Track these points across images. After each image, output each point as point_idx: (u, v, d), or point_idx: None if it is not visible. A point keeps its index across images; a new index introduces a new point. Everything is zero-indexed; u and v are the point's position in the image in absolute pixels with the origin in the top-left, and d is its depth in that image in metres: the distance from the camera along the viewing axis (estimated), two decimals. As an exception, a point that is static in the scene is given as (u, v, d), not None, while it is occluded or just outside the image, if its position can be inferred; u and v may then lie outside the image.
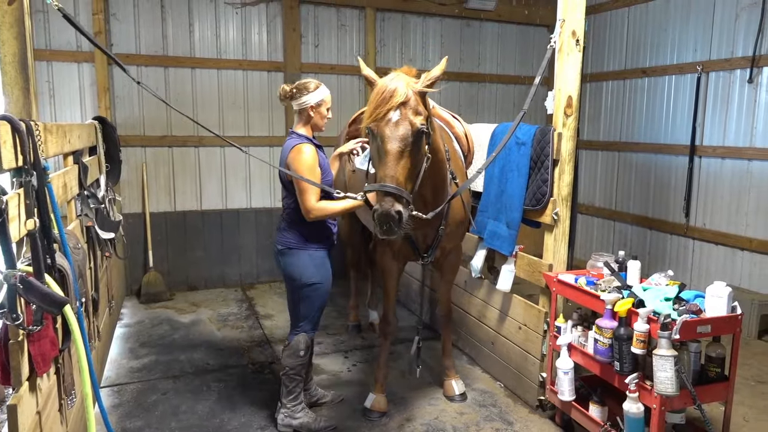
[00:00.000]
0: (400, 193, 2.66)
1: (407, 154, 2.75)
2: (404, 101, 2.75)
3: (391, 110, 2.74)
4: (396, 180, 2.68)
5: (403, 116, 2.75)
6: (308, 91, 3.22)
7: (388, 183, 2.66)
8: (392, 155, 2.71)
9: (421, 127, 2.78)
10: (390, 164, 2.70)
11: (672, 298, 2.89)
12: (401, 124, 2.73)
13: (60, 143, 2.86)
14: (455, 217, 3.54)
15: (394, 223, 2.62)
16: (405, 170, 2.73)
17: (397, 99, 2.73)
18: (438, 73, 2.88)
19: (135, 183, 6.02)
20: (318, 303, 3.35)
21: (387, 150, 2.72)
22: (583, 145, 7.23)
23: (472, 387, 4.08)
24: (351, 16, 6.69)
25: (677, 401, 2.76)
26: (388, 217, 2.60)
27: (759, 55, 5.17)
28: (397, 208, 2.62)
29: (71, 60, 5.62)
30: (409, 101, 2.77)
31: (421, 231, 3.43)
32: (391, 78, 2.83)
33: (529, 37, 7.53)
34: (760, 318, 5.00)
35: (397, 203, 2.64)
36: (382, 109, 2.74)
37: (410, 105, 2.78)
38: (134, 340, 4.87)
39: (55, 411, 2.38)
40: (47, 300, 1.95)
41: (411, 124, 2.75)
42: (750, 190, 5.34)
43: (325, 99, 3.27)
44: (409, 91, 2.78)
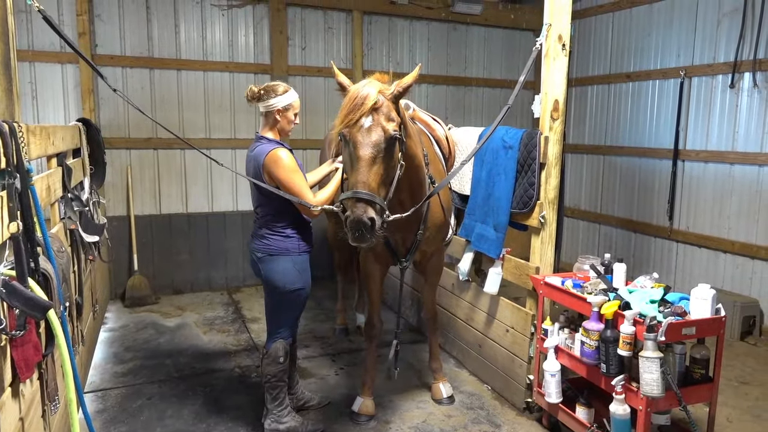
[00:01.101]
0: (372, 199, 2.63)
1: (380, 160, 2.72)
2: (376, 107, 2.74)
3: (363, 116, 2.72)
4: (368, 186, 2.64)
5: (376, 122, 2.73)
6: (276, 94, 3.14)
7: (361, 189, 2.63)
8: (364, 161, 2.69)
9: (394, 133, 2.75)
10: (362, 170, 2.68)
11: (657, 301, 2.92)
12: (373, 130, 2.71)
13: (43, 145, 2.82)
14: (434, 221, 3.53)
15: (366, 229, 2.59)
16: (377, 176, 2.71)
17: (369, 104, 2.71)
18: (410, 81, 2.85)
19: (120, 185, 5.96)
20: (299, 308, 3.34)
21: (359, 156, 2.70)
22: (569, 149, 7.29)
23: (460, 390, 4.09)
24: (338, 19, 6.69)
25: (663, 402, 2.79)
26: (359, 223, 2.57)
27: (740, 60, 5.26)
28: (369, 215, 2.59)
29: (55, 61, 5.55)
30: (381, 107, 2.75)
31: (399, 235, 3.41)
32: (363, 84, 2.81)
33: (515, 41, 7.58)
34: (742, 319, 5.07)
35: (370, 209, 2.61)
36: (354, 115, 2.71)
37: (382, 111, 2.75)
38: (119, 344, 4.81)
39: (38, 417, 2.34)
40: (30, 304, 1.91)
41: (383, 130, 2.73)
42: (732, 194, 5.42)
43: (293, 104, 3.19)
44: (380, 97, 2.76)
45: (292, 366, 3.63)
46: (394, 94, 2.82)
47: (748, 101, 5.27)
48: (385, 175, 2.77)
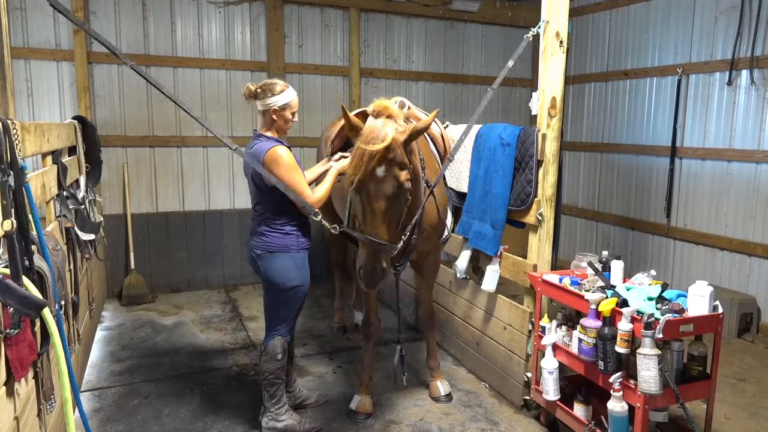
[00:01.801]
0: (384, 248, 2.77)
1: (392, 210, 2.80)
2: (390, 157, 2.72)
3: (377, 167, 2.71)
4: (382, 237, 2.77)
5: (388, 173, 2.72)
6: (273, 93, 3.11)
7: (379, 240, 2.76)
8: (378, 212, 2.76)
9: (406, 183, 2.78)
10: (377, 221, 2.77)
11: (655, 298, 2.92)
12: (386, 180, 2.72)
13: (38, 143, 2.80)
14: (429, 222, 3.53)
15: (378, 279, 2.79)
16: (391, 224, 2.82)
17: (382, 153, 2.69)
18: (425, 125, 2.87)
19: (116, 184, 5.94)
20: (297, 305, 3.33)
21: (373, 208, 2.77)
22: (567, 147, 7.28)
23: (458, 387, 4.08)
24: (335, 17, 6.67)
25: (661, 400, 2.79)
26: (374, 274, 2.77)
27: (737, 57, 5.25)
28: (383, 266, 2.76)
29: (50, 58, 5.52)
30: (395, 157, 2.73)
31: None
32: (378, 126, 2.78)
33: (512, 38, 7.56)
34: (739, 317, 5.08)
35: (383, 260, 2.77)
36: (368, 166, 2.71)
37: (396, 160, 2.74)
38: (116, 343, 4.80)
39: (33, 416, 2.32)
40: (25, 303, 1.90)
41: (397, 182, 2.75)
42: (729, 191, 5.43)
43: (290, 103, 3.16)
44: (394, 145, 2.73)
45: (289, 364, 3.62)
46: (407, 139, 2.82)
47: (745, 98, 5.27)
48: (396, 219, 2.88)
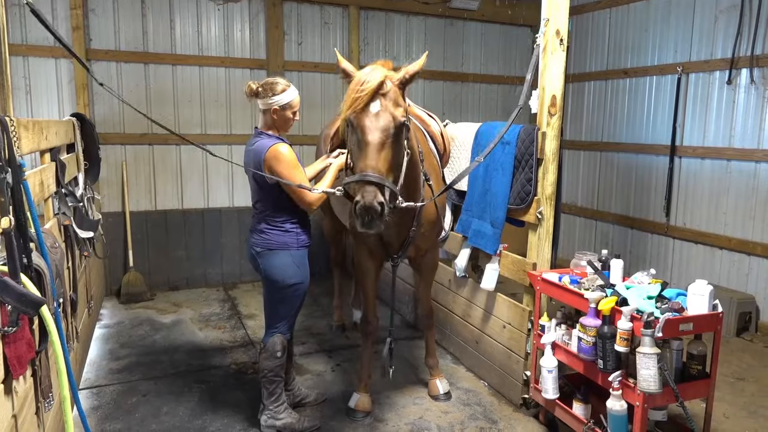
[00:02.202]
0: (382, 182, 2.58)
1: (388, 145, 2.68)
2: (383, 92, 2.70)
3: (371, 101, 2.68)
4: (377, 170, 2.60)
5: (384, 107, 2.69)
6: (274, 93, 3.10)
7: (370, 171, 2.58)
8: (373, 146, 2.64)
9: (402, 119, 2.72)
10: (371, 154, 2.63)
11: (654, 297, 2.91)
12: (382, 114, 2.68)
13: (36, 140, 2.79)
14: (428, 218, 3.50)
15: (375, 215, 2.53)
16: (386, 161, 2.67)
17: (375, 88, 2.67)
18: (417, 68, 2.82)
19: (115, 181, 5.93)
20: (297, 303, 3.32)
21: (367, 141, 2.65)
22: (566, 145, 7.28)
23: (457, 386, 4.08)
24: (334, 14, 6.65)
25: (660, 398, 2.78)
26: (370, 209, 2.51)
27: (737, 56, 5.25)
28: (379, 199, 2.53)
29: (48, 55, 5.50)
30: (388, 92, 2.72)
31: (393, 230, 3.34)
32: (370, 69, 2.77)
33: (512, 37, 7.56)
34: (738, 316, 5.08)
35: (380, 194, 2.55)
36: (362, 100, 2.66)
37: (390, 96, 2.72)
38: (114, 341, 4.79)
39: (31, 414, 2.32)
40: (23, 300, 1.89)
41: (392, 115, 2.70)
42: (729, 190, 5.42)
43: (291, 103, 3.14)
44: (388, 82, 2.73)
45: (288, 362, 3.62)
46: (401, 80, 2.79)
47: (745, 97, 5.27)
48: (394, 161, 2.73)
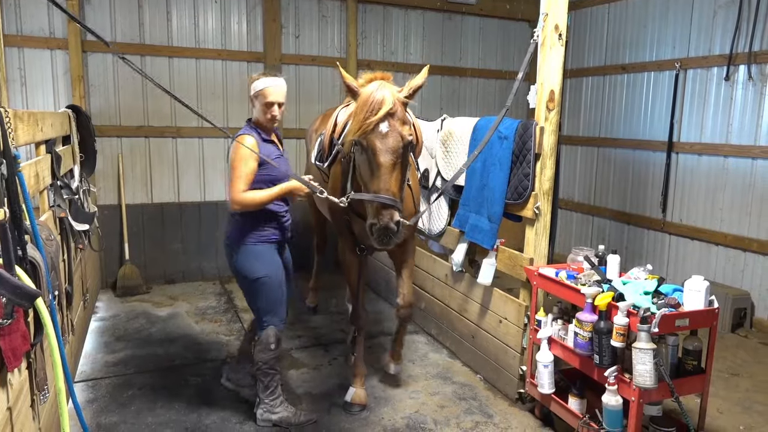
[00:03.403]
0: (396, 204, 2.72)
1: (398, 165, 2.80)
2: (392, 112, 2.78)
3: (381, 122, 2.76)
4: (391, 192, 2.74)
5: (393, 127, 2.78)
6: (251, 82, 3.21)
7: (384, 194, 2.72)
8: (386, 168, 2.75)
9: (410, 137, 2.82)
10: (384, 176, 2.75)
11: (651, 292, 2.92)
12: (391, 135, 2.77)
13: (31, 131, 2.77)
14: (407, 209, 3.53)
15: (393, 235, 2.72)
16: (397, 182, 2.79)
17: (385, 110, 2.76)
18: (420, 83, 2.93)
19: (111, 174, 5.90)
20: (273, 296, 3.29)
21: (380, 163, 2.76)
22: (564, 141, 7.25)
23: (453, 380, 4.09)
24: (332, 8, 6.62)
25: (655, 394, 2.79)
26: (388, 230, 2.70)
27: (735, 53, 5.24)
28: (396, 219, 2.70)
29: (44, 46, 5.46)
30: (396, 112, 2.80)
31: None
32: (376, 87, 2.83)
33: (510, 31, 7.54)
34: (733, 312, 5.10)
35: (396, 214, 2.72)
36: (372, 121, 2.75)
37: (398, 116, 2.81)
38: (110, 334, 4.78)
39: (27, 407, 2.31)
40: (18, 293, 1.88)
41: (401, 136, 2.79)
42: (725, 187, 5.43)
43: (263, 92, 3.13)
44: (396, 102, 2.80)
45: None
46: (407, 97, 2.87)
47: (742, 94, 5.27)
48: (402, 179, 2.87)
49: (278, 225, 3.30)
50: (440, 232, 4.51)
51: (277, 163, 3.16)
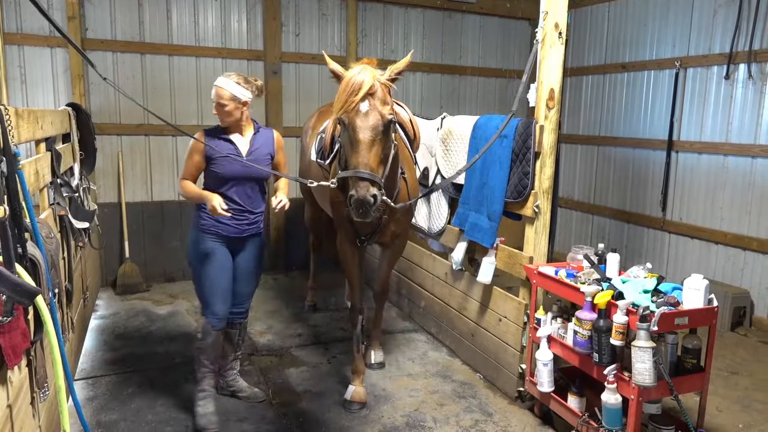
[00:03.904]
0: (373, 178, 2.83)
1: (378, 142, 2.91)
2: (372, 92, 2.91)
3: (361, 101, 2.89)
4: (369, 166, 2.85)
5: (372, 107, 2.91)
6: None
7: (362, 169, 2.83)
8: (364, 144, 2.88)
9: (390, 116, 2.94)
10: (363, 152, 2.87)
11: (650, 291, 2.92)
12: (371, 114, 2.90)
13: (32, 129, 2.77)
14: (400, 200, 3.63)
15: (369, 206, 2.79)
16: (376, 157, 2.91)
17: (365, 89, 2.88)
18: (402, 66, 3.04)
19: (111, 172, 5.90)
20: (206, 288, 3.35)
21: (359, 139, 2.88)
22: (563, 139, 7.24)
23: (452, 379, 4.09)
24: (332, 6, 6.61)
25: (655, 392, 2.80)
26: (364, 202, 2.78)
27: (736, 51, 5.24)
28: (372, 192, 2.79)
29: (44, 44, 5.45)
30: (376, 92, 2.92)
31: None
32: (358, 71, 2.94)
33: (510, 30, 7.53)
34: (732, 310, 5.11)
35: (372, 187, 2.81)
36: (353, 100, 2.88)
37: (378, 96, 2.93)
38: (110, 332, 4.78)
39: (27, 404, 2.31)
40: (18, 290, 1.88)
41: (380, 114, 2.91)
42: (725, 185, 5.43)
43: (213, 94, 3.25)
44: (376, 83, 2.92)
45: (230, 349, 3.66)
46: (388, 79, 2.98)
47: (742, 92, 5.27)
48: (382, 156, 2.97)
49: (223, 219, 3.28)
50: (440, 231, 4.51)
51: (227, 161, 3.23)
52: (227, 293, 3.40)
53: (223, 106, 3.21)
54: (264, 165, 3.35)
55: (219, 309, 3.38)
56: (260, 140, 3.40)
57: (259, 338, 4.75)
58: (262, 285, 6.09)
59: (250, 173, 3.30)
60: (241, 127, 3.34)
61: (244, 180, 3.32)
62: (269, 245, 6.60)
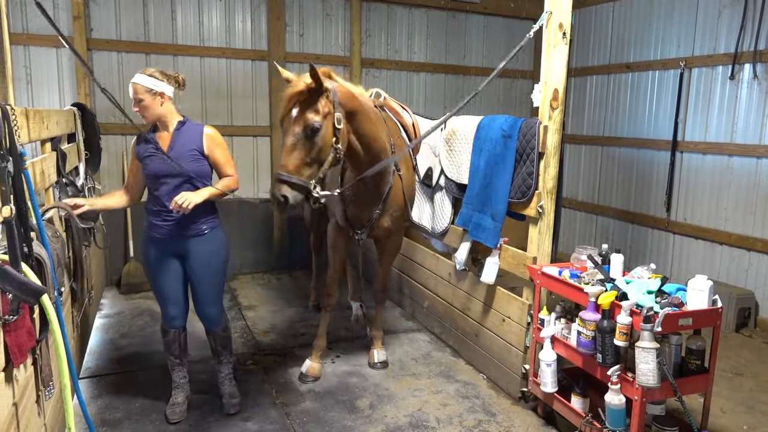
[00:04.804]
0: (289, 179, 3.03)
1: (300, 146, 3.08)
2: (302, 99, 3.09)
3: (291, 108, 3.11)
4: (287, 168, 3.05)
5: (300, 113, 3.09)
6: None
7: (281, 171, 3.05)
8: (286, 147, 3.10)
9: (313, 123, 3.07)
10: (284, 154, 3.10)
11: (654, 291, 2.91)
12: (296, 121, 3.09)
13: (37, 129, 2.79)
14: (395, 202, 3.93)
15: (280, 204, 3.04)
16: (297, 160, 3.07)
17: (294, 98, 3.10)
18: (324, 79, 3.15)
19: (115, 172, 5.92)
20: (155, 287, 3.47)
21: (284, 142, 3.12)
22: (567, 140, 7.26)
23: (456, 379, 4.10)
24: (336, 6, 6.62)
25: (658, 393, 2.79)
26: (274, 199, 3.05)
27: (741, 51, 5.23)
28: (283, 193, 3.01)
29: (49, 45, 5.48)
30: (305, 99, 3.09)
31: (356, 209, 3.85)
32: (297, 80, 3.17)
33: (514, 30, 7.52)
34: (737, 311, 5.09)
35: (285, 188, 3.02)
36: (285, 107, 3.14)
37: (307, 103, 3.09)
38: (114, 330, 4.80)
39: (32, 403, 2.33)
40: (24, 289, 1.89)
41: (304, 120, 3.07)
42: (730, 186, 5.42)
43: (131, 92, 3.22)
44: (305, 92, 3.09)
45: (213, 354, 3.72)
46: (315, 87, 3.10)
47: (747, 93, 5.25)
48: (308, 159, 3.11)
49: (155, 221, 3.31)
50: (444, 231, 4.51)
51: (150, 160, 3.23)
52: (175, 295, 3.42)
53: (139, 100, 3.16)
54: (188, 161, 3.20)
55: (169, 310, 3.46)
56: (183, 136, 3.26)
57: (263, 338, 4.76)
58: (265, 285, 6.15)
59: (170, 171, 3.18)
60: (166, 123, 3.27)
61: (166, 178, 3.20)
62: (273, 246, 6.62)
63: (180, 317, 3.49)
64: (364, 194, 3.75)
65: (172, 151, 3.22)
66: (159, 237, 3.31)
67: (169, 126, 3.28)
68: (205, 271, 3.39)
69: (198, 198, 3.09)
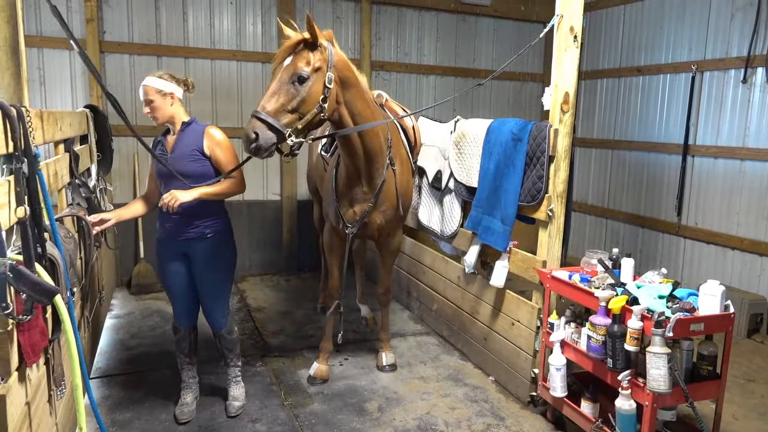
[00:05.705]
0: (266, 118, 2.97)
1: (283, 91, 3.05)
2: (294, 51, 3.12)
3: (284, 56, 3.14)
4: (265, 108, 3.00)
5: (292, 63, 3.10)
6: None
7: (258, 110, 3.00)
8: (270, 91, 3.07)
9: (301, 71, 3.07)
10: (265, 96, 3.06)
11: (666, 296, 2.90)
12: (286, 68, 3.10)
13: (51, 130, 2.82)
14: (388, 197, 3.84)
15: (251, 141, 2.95)
16: (278, 104, 3.03)
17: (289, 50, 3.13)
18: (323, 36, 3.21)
19: (126, 173, 5.96)
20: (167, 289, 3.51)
21: (269, 86, 3.11)
22: (578, 143, 7.23)
23: (464, 382, 4.09)
24: (347, 9, 6.64)
25: (669, 398, 2.77)
26: (246, 136, 2.96)
27: (753, 55, 5.18)
28: (255, 129, 2.94)
29: (63, 47, 5.54)
30: (298, 51, 3.11)
31: (347, 201, 3.79)
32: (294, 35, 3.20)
33: (525, 33, 7.50)
34: (749, 317, 5.04)
35: (258, 124, 2.96)
36: (277, 57, 3.15)
37: (300, 54, 3.11)
38: (125, 331, 4.83)
39: (44, 402, 2.35)
40: (38, 289, 1.91)
41: (294, 67, 3.07)
42: (742, 190, 5.37)
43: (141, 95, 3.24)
44: (300, 43, 3.12)
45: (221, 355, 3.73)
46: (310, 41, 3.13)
47: (760, 96, 5.21)
48: (289, 107, 3.07)
49: (161, 221, 3.36)
50: (452, 234, 4.50)
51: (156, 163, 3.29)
52: (183, 295, 3.45)
53: (149, 101, 3.19)
54: (188, 161, 3.20)
55: (178, 311, 3.51)
56: (186, 136, 3.26)
57: (272, 339, 4.77)
58: (274, 286, 6.16)
59: (169, 172, 3.19)
60: (175, 125, 3.29)
61: (169, 179, 3.21)
62: (282, 248, 6.64)
63: (188, 317, 3.52)
64: (354, 179, 3.68)
65: (175, 152, 3.25)
66: (164, 237, 3.37)
67: (177, 128, 3.32)
68: (208, 274, 3.37)
69: (187, 196, 3.05)
